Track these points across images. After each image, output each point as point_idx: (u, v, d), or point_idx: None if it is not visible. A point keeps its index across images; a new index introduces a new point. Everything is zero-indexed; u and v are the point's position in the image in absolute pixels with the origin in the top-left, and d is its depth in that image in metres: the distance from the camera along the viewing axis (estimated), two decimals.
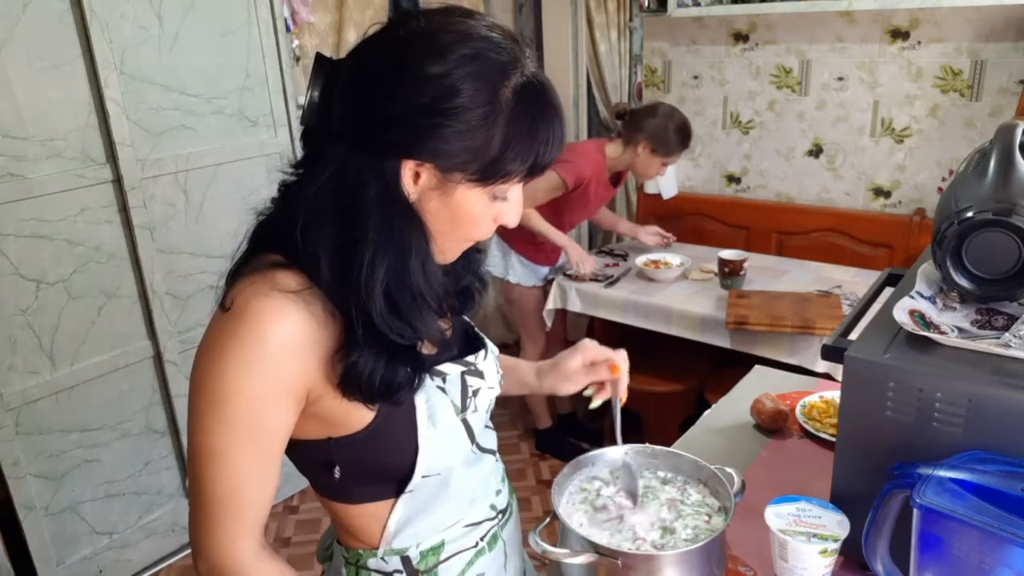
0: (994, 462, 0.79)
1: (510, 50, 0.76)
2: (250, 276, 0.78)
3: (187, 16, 2.26)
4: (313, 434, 0.84)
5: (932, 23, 2.65)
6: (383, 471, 0.86)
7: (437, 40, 0.74)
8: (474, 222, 0.82)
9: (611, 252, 3.03)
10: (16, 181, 2.01)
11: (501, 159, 0.76)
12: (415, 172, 0.77)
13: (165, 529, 2.54)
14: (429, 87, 0.72)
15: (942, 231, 0.93)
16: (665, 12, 3.11)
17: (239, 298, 0.76)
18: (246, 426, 0.76)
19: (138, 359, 2.35)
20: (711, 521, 0.97)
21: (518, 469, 3.01)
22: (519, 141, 0.76)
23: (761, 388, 1.52)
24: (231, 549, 0.80)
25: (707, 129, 3.28)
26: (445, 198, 0.78)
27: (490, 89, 0.74)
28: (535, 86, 0.77)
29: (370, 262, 0.75)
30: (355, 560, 0.92)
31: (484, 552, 0.96)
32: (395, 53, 0.74)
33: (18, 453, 2.12)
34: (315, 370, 0.78)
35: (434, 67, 0.72)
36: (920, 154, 2.80)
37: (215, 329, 0.77)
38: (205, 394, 0.76)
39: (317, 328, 0.78)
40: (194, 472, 0.79)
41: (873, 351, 0.91)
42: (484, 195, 0.80)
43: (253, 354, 0.75)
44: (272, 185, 0.87)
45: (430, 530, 0.91)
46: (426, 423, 0.84)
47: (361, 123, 0.75)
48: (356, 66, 0.77)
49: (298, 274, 0.78)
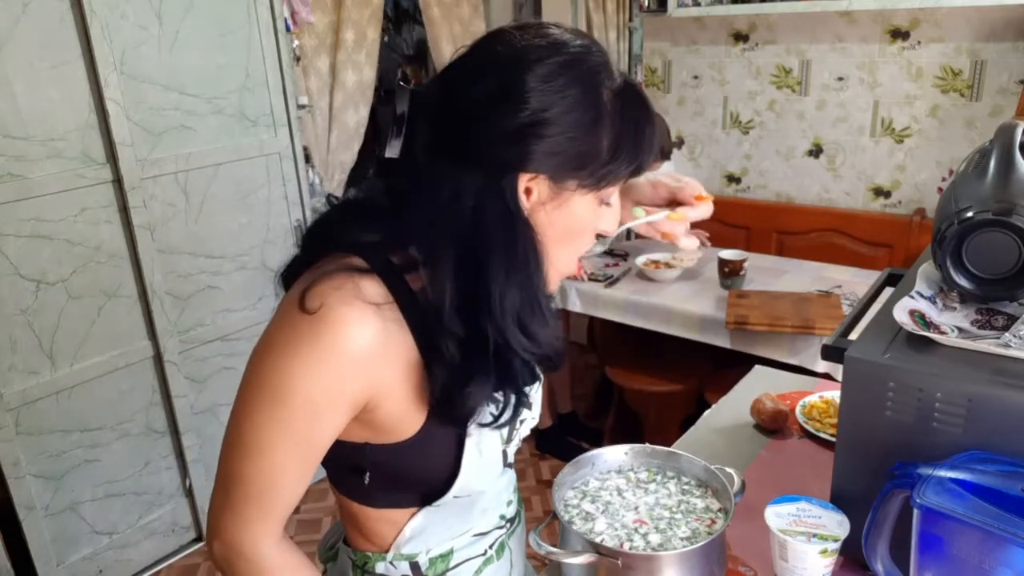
0: (994, 462, 0.79)
1: (601, 54, 0.78)
2: (334, 278, 0.76)
3: (187, 16, 2.26)
4: (353, 437, 0.83)
5: (932, 23, 2.65)
6: (413, 483, 0.86)
7: (533, 52, 0.74)
8: (584, 231, 0.83)
9: (611, 252, 3.03)
10: (16, 181, 2.01)
11: (612, 161, 0.77)
12: (527, 187, 0.77)
13: (165, 529, 2.54)
14: (533, 98, 0.72)
15: (942, 231, 0.93)
16: (665, 12, 3.11)
17: (323, 301, 0.74)
18: (299, 429, 0.76)
19: (138, 359, 2.35)
20: (711, 522, 0.97)
21: (518, 469, 2.98)
22: (626, 141, 0.77)
23: (761, 388, 1.52)
24: (254, 537, 0.79)
25: (707, 129, 3.28)
26: (558, 209, 0.79)
27: (593, 92, 0.75)
28: (632, 86, 0.79)
29: (503, 283, 0.75)
30: (362, 563, 0.92)
31: (492, 560, 0.96)
32: (494, 69, 0.75)
33: (18, 453, 2.12)
34: (382, 384, 0.78)
35: (534, 78, 0.73)
36: (920, 154, 2.80)
37: (289, 326, 0.75)
38: (264, 388, 0.75)
39: (393, 343, 0.77)
40: (230, 458, 0.78)
41: (873, 351, 0.91)
42: (594, 201, 0.81)
43: (326, 361, 0.74)
44: (272, 186, 0.87)
45: (441, 538, 0.91)
46: (474, 449, 0.84)
47: (469, 144, 0.74)
48: (452, 88, 0.77)
49: (381, 284, 0.77)
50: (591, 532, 0.95)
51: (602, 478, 1.07)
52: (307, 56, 2.81)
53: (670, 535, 0.95)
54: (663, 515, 0.99)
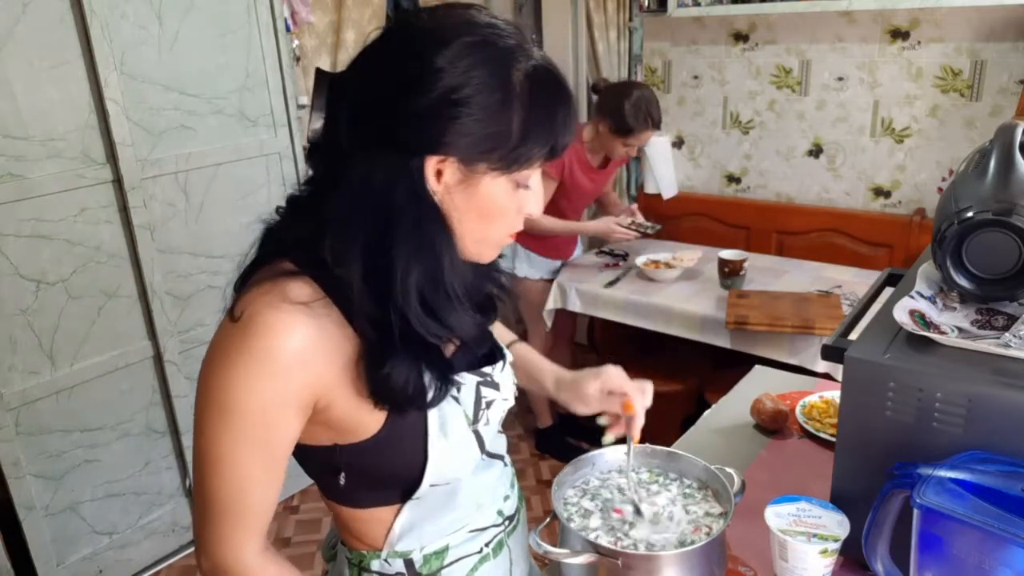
0: (994, 462, 0.79)
1: (515, 35, 0.77)
2: (261, 285, 0.77)
3: (187, 16, 2.26)
4: (321, 440, 0.84)
5: (932, 23, 2.65)
6: (389, 479, 0.86)
7: (441, 33, 0.74)
8: (501, 214, 0.81)
9: (611, 252, 3.03)
10: (16, 181, 2.01)
11: (523, 143, 0.76)
12: (437, 169, 0.76)
13: (165, 529, 2.54)
14: (441, 79, 0.72)
15: (942, 231, 0.93)
16: (665, 12, 3.11)
17: (249, 308, 0.75)
18: (253, 437, 0.77)
19: (138, 359, 2.35)
20: (709, 530, 0.97)
21: (518, 469, 2.98)
22: (538, 124, 0.76)
23: (761, 388, 1.52)
24: (235, 551, 0.80)
25: (707, 129, 3.28)
26: (470, 192, 0.78)
27: (502, 74, 0.74)
28: (545, 68, 0.78)
29: (405, 265, 0.75)
30: (358, 561, 0.92)
31: (488, 558, 0.96)
32: (402, 52, 0.74)
33: (18, 453, 2.12)
34: (325, 381, 0.78)
35: (442, 59, 0.72)
36: (920, 154, 2.80)
37: (224, 339, 0.77)
38: (212, 403, 0.76)
39: (328, 339, 0.77)
40: (199, 477, 0.79)
41: (873, 351, 0.91)
42: (508, 184, 0.79)
43: (262, 367, 0.74)
44: (272, 186, 0.87)
45: (435, 534, 0.91)
46: (437, 433, 0.84)
47: (378, 128, 0.74)
48: (363, 72, 0.77)
49: (310, 283, 0.78)
50: (591, 532, 0.95)
51: (602, 478, 1.07)
52: (307, 56, 2.81)
53: (670, 535, 0.94)
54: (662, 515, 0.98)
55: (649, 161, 3.30)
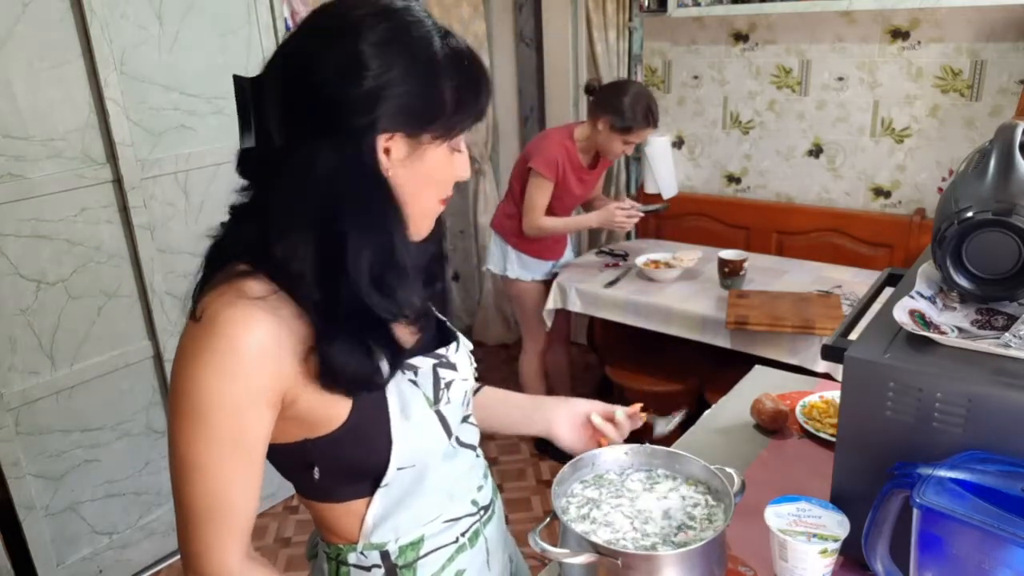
0: (994, 462, 0.79)
1: (426, 14, 0.82)
2: (218, 287, 0.79)
3: (187, 16, 2.26)
4: (291, 437, 0.85)
5: (932, 23, 2.65)
6: (360, 468, 0.87)
7: (363, 21, 0.77)
8: (443, 180, 0.86)
9: (611, 252, 3.03)
10: (16, 181, 2.01)
11: (457, 112, 0.81)
12: (385, 147, 0.80)
13: (165, 529, 2.54)
14: (373, 64, 0.76)
15: (942, 231, 0.93)
16: (665, 12, 3.11)
17: (208, 308, 0.77)
18: (226, 436, 0.77)
19: (138, 359, 2.35)
20: (711, 523, 0.97)
21: (518, 469, 3.01)
22: (467, 91, 0.82)
23: (761, 388, 1.52)
24: (219, 559, 0.81)
25: (707, 129, 3.28)
26: (417, 163, 0.82)
27: (427, 51, 0.79)
28: (458, 42, 0.83)
29: (356, 244, 0.78)
30: (335, 555, 0.94)
31: (465, 548, 0.97)
32: (330, 44, 0.77)
33: (18, 453, 2.12)
34: (288, 372, 0.79)
35: (370, 46, 0.76)
36: (920, 154, 2.80)
37: (188, 341, 0.79)
38: (183, 406, 0.77)
39: (286, 331, 0.79)
40: (178, 485, 0.80)
41: (873, 351, 0.91)
42: (446, 150, 0.84)
43: (227, 363, 0.76)
44: None
45: (409, 525, 0.92)
46: (399, 415, 0.85)
47: (318, 118, 0.76)
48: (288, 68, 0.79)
49: (264, 280, 0.79)
50: (591, 532, 0.95)
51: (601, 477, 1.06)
52: None
53: (669, 536, 0.94)
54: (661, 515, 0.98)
55: (649, 161, 3.30)
